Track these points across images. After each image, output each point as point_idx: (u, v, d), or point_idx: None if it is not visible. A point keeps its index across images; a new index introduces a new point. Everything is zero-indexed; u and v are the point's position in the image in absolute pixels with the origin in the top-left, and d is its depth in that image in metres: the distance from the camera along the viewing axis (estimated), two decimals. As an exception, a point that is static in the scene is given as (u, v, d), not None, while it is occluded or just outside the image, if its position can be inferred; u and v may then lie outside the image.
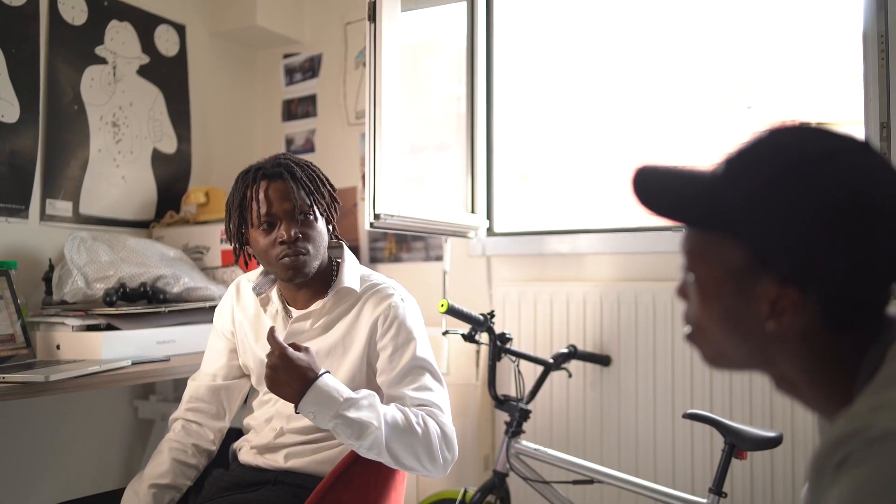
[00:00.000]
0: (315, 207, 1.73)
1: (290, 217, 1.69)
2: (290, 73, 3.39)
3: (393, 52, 2.33)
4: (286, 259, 1.69)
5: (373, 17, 2.31)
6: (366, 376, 1.74)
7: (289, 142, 3.38)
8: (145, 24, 2.93)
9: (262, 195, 1.69)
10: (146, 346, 2.24)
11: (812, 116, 2.77)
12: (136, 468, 2.75)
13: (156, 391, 2.88)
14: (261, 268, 1.85)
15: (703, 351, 0.90)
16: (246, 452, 1.83)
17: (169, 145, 3.01)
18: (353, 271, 1.80)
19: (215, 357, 1.91)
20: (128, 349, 2.18)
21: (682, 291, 0.90)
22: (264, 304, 1.84)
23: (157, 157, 2.96)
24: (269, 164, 1.74)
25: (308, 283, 1.77)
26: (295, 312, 1.80)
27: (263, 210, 1.69)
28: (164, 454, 1.81)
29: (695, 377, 2.52)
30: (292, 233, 1.68)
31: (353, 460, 1.65)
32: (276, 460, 1.76)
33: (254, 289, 1.83)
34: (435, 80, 3.17)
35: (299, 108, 3.36)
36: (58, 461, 2.62)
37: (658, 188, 0.88)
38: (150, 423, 2.83)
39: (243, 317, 1.87)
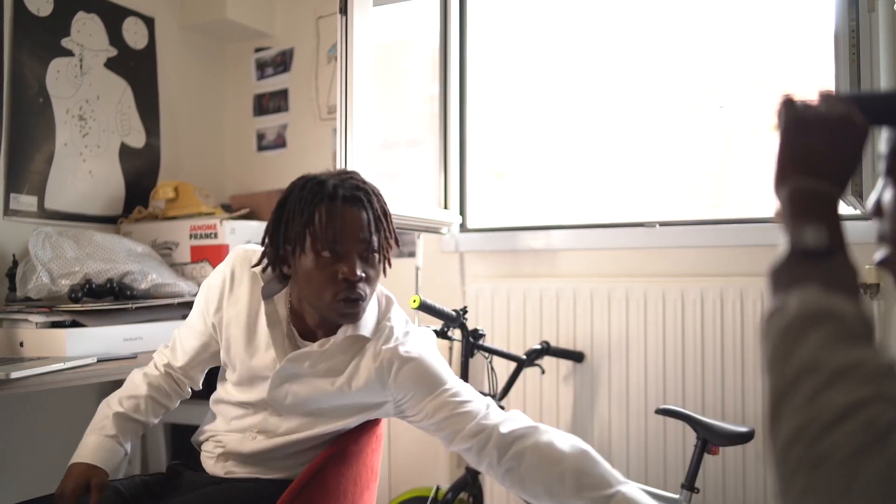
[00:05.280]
0: (382, 248, 1.57)
1: (360, 253, 1.50)
2: (262, 68, 3.35)
3: (364, 45, 2.31)
4: (345, 302, 1.49)
5: (344, 9, 2.28)
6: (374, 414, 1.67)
7: (260, 136, 3.34)
8: (113, 17, 2.88)
9: (337, 220, 1.48)
10: (113, 344, 2.20)
11: None
12: (104, 468, 2.70)
13: (123, 389, 2.83)
14: (251, 248, 1.69)
15: None
16: (214, 463, 1.69)
17: (137, 139, 2.96)
18: (371, 315, 1.63)
19: (192, 342, 1.74)
20: (93, 346, 2.14)
21: (878, 208, 0.84)
22: (271, 314, 1.62)
23: (125, 152, 2.91)
24: (347, 185, 1.52)
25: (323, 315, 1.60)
26: (298, 340, 1.64)
27: (336, 235, 1.47)
28: (142, 388, 1.74)
29: (667, 373, 2.52)
30: (359, 272, 1.48)
31: (327, 459, 1.63)
32: (251, 471, 1.67)
33: (263, 290, 1.62)
34: (409, 77, 3.15)
35: (271, 103, 3.32)
36: (21, 461, 2.57)
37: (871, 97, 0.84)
38: (118, 421, 2.78)
39: (233, 314, 1.65)
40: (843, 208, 2.09)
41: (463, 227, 2.96)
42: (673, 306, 2.53)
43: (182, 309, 2.42)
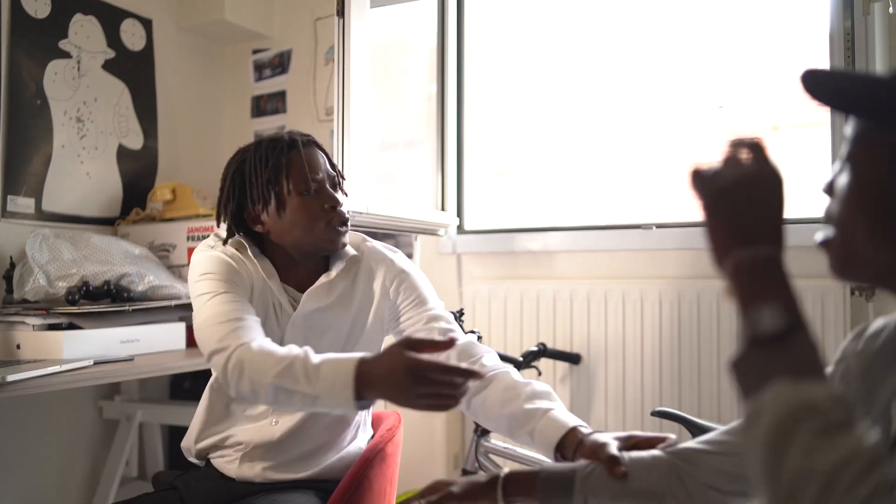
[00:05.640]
0: (341, 181, 1.68)
1: (332, 185, 1.63)
2: (260, 69, 3.36)
3: (362, 47, 2.32)
4: (338, 227, 1.59)
5: (341, 12, 2.29)
6: (378, 331, 1.71)
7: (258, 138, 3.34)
8: (111, 18, 2.88)
9: (304, 160, 1.59)
10: (109, 346, 2.20)
11: (782, 117, 2.79)
12: (101, 470, 2.71)
13: (121, 391, 2.83)
14: (211, 240, 1.66)
15: (836, 255, 0.85)
16: (240, 466, 1.65)
17: (135, 141, 2.96)
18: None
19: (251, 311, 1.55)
20: (90, 349, 2.14)
21: (830, 188, 0.85)
22: (268, 273, 1.62)
23: (123, 153, 2.91)
24: (297, 134, 1.65)
25: (314, 258, 1.66)
26: (293, 291, 1.65)
27: (309, 174, 1.58)
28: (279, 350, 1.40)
29: (664, 375, 2.53)
30: (339, 199, 1.60)
31: (369, 460, 1.67)
32: (287, 469, 1.65)
33: (252, 253, 1.62)
34: (407, 78, 3.16)
35: (269, 105, 3.32)
36: (18, 464, 2.57)
37: (835, 81, 0.84)
38: (115, 423, 2.78)
39: (244, 285, 1.59)
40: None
41: (460, 229, 2.97)
42: (669, 308, 2.53)
43: (179, 311, 2.42)
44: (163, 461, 2.89)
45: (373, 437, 1.86)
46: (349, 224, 1.63)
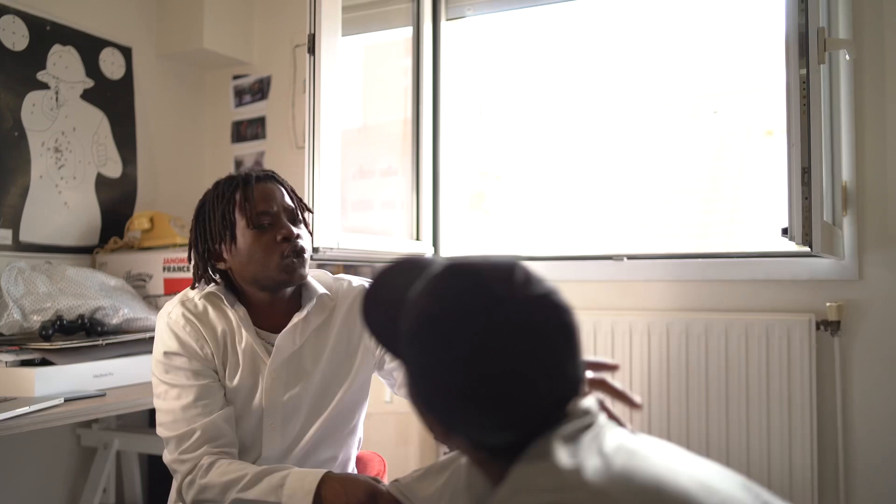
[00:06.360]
0: (304, 213, 1.68)
1: (288, 217, 1.63)
2: (240, 95, 3.38)
3: (333, 84, 2.34)
4: (291, 259, 1.58)
5: (312, 49, 2.31)
6: (366, 374, 1.73)
7: (238, 163, 3.37)
8: (90, 48, 2.91)
9: (257, 194, 1.60)
10: (82, 381, 2.22)
11: (777, 122, 2.78)
12: (80, 498, 2.73)
13: (98, 420, 2.85)
14: (186, 294, 1.68)
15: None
16: None
17: (114, 169, 2.99)
18: (313, 279, 1.71)
19: (212, 396, 1.59)
20: (62, 385, 2.15)
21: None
22: (243, 321, 1.62)
23: (102, 182, 2.94)
24: (255, 170, 1.67)
25: (285, 297, 1.65)
26: (266, 335, 1.64)
27: (261, 207, 1.59)
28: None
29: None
30: (295, 231, 1.60)
31: None
32: None
33: (226, 301, 1.62)
34: (385, 104, 3.18)
35: (248, 130, 3.35)
36: (-3, 492, 2.60)
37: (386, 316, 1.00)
38: (93, 451, 2.81)
39: (214, 344, 1.62)
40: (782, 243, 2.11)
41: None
42: (640, 340, 2.56)
43: (153, 343, 2.44)
44: (140, 489, 2.91)
45: None
46: (307, 255, 1.63)
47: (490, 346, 0.83)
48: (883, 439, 2.33)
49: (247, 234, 1.59)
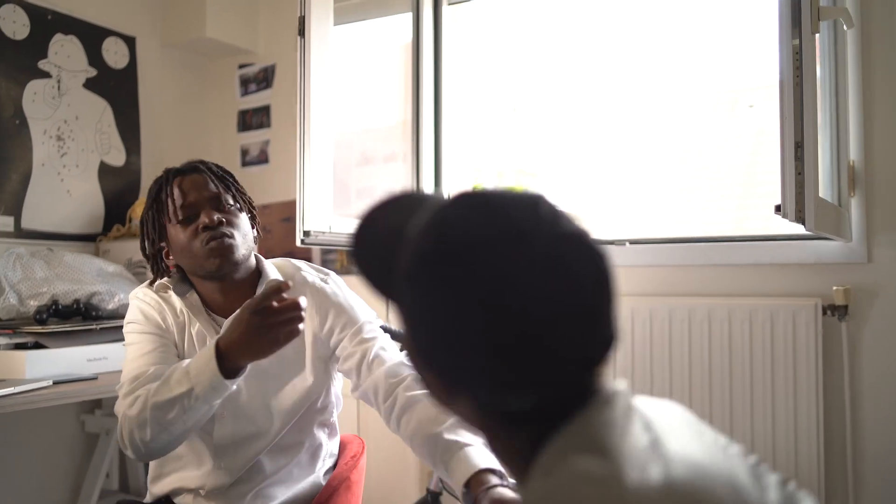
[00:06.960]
0: (238, 198, 1.66)
1: (212, 205, 1.61)
2: (245, 84, 3.38)
3: (323, 67, 2.32)
4: (212, 243, 1.57)
5: (302, 31, 2.29)
6: (321, 366, 1.69)
7: (244, 152, 3.37)
8: (92, 37, 2.92)
9: (177, 189, 1.61)
10: (76, 365, 2.23)
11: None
12: (83, 483, 2.75)
13: (102, 405, 2.87)
14: (140, 290, 1.73)
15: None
16: None
17: (117, 158, 3.00)
18: (272, 265, 1.72)
19: (169, 352, 1.63)
20: (53, 368, 2.17)
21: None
22: (193, 308, 1.65)
23: (105, 170, 2.95)
24: (182, 164, 1.68)
25: (236, 284, 1.64)
26: (222, 320, 1.64)
27: (181, 201, 1.60)
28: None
29: (634, 391, 2.49)
30: (215, 217, 1.58)
31: (335, 488, 1.68)
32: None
33: (175, 291, 1.66)
34: (387, 90, 3.15)
35: (254, 119, 3.35)
36: (0, 476, 2.62)
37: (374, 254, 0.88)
38: (96, 437, 2.82)
39: (174, 320, 1.66)
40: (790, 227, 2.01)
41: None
42: (641, 326, 2.50)
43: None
44: (143, 474, 2.92)
45: (335, 465, 1.84)
46: (238, 238, 1.61)
47: (512, 284, 0.69)
48: (892, 427, 2.24)
49: (176, 230, 1.61)
